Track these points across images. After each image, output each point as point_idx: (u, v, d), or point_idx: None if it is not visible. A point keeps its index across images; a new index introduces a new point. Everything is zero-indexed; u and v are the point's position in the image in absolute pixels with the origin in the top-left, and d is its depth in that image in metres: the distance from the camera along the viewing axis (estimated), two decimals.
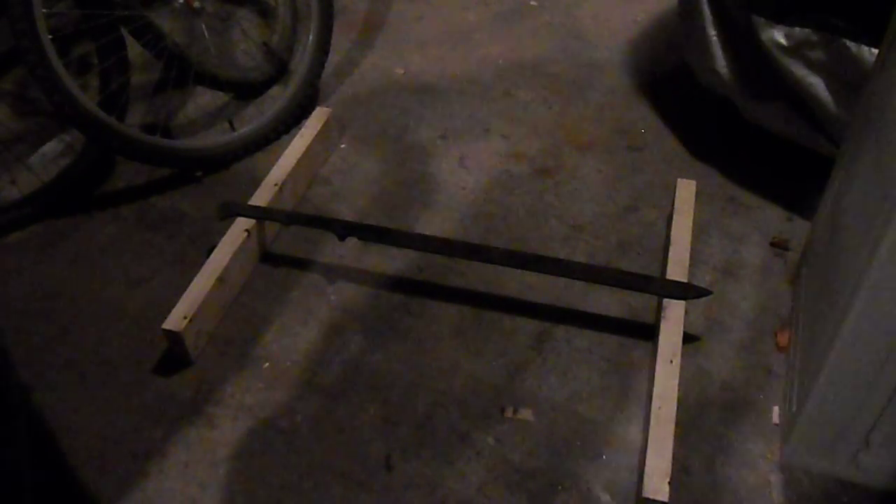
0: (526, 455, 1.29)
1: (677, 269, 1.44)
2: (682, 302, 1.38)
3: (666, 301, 1.38)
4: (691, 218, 1.54)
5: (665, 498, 1.14)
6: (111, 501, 1.25)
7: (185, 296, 1.42)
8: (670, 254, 1.47)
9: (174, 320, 1.38)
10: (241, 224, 1.54)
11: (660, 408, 1.24)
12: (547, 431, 1.32)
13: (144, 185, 1.77)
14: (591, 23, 2.20)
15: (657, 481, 1.15)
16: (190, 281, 1.45)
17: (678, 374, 1.28)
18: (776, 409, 1.33)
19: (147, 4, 1.86)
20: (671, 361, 1.30)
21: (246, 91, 1.99)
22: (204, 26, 1.89)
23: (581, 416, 1.34)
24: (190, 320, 1.39)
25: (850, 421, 1.11)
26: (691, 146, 1.82)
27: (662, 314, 1.36)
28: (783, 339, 1.42)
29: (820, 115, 1.52)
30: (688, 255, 1.47)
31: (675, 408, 1.24)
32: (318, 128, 1.77)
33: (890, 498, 1.20)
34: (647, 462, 1.17)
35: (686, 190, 1.60)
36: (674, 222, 1.53)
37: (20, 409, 0.81)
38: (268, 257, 1.61)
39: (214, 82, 1.93)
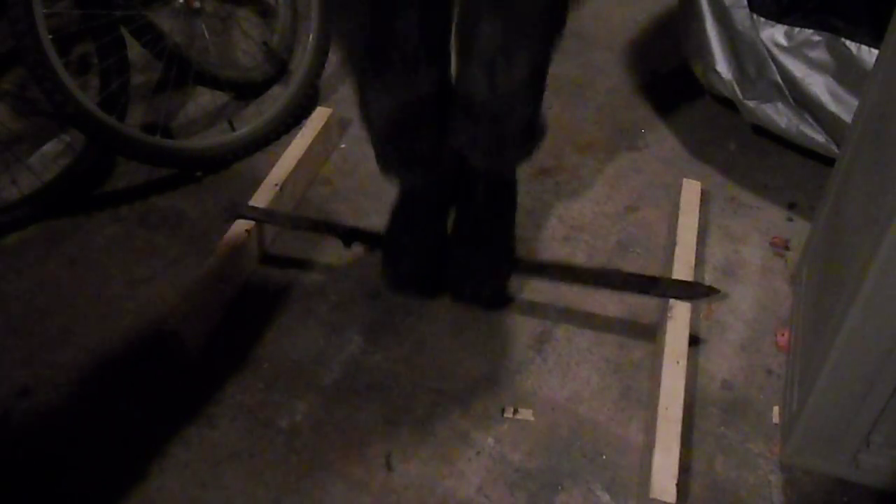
0: (526, 455, 1.29)
1: (684, 270, 1.44)
2: (688, 302, 1.38)
3: (671, 301, 1.38)
4: (696, 218, 1.54)
5: (672, 499, 1.14)
6: (111, 501, 1.25)
7: (184, 295, 1.42)
8: (676, 254, 1.47)
9: (174, 320, 1.38)
10: (241, 224, 1.54)
11: (667, 409, 1.23)
12: (547, 431, 1.32)
13: (144, 185, 1.77)
14: (591, 23, 2.20)
15: (665, 482, 1.15)
16: (190, 281, 1.45)
17: (685, 376, 1.28)
18: (776, 409, 1.33)
19: (147, 4, 1.86)
20: (678, 362, 1.29)
21: (246, 91, 1.99)
22: (204, 26, 1.89)
23: (581, 416, 1.34)
24: (190, 320, 1.40)
25: (850, 421, 1.11)
26: (691, 146, 1.82)
27: (668, 314, 1.36)
28: (783, 339, 1.42)
29: (820, 115, 1.52)
30: (693, 256, 1.47)
31: (682, 409, 1.24)
32: (318, 128, 1.76)
33: (890, 498, 1.20)
34: (654, 463, 1.17)
35: (691, 190, 1.60)
36: (679, 222, 1.53)
37: None
38: (268, 257, 1.61)
39: (214, 82, 1.93)
